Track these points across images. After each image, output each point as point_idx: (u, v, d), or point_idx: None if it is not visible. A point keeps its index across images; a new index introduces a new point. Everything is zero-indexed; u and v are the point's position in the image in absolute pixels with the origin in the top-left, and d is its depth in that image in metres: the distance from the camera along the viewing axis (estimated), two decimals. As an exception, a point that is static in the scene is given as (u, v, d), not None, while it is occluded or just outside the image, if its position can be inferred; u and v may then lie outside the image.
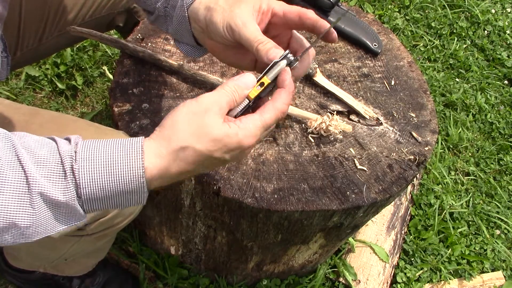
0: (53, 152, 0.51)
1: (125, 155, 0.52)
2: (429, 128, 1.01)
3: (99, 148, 0.52)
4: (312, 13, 0.64)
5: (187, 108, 0.56)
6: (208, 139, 0.54)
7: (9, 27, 0.96)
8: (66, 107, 1.65)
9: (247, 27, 0.62)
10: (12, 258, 1.14)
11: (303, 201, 0.83)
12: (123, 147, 0.53)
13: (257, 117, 0.57)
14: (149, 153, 0.53)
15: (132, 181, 0.52)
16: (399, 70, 1.11)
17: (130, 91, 0.93)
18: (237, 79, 0.59)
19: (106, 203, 0.53)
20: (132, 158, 0.52)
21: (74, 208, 0.52)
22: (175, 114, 0.56)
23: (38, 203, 0.50)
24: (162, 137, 0.55)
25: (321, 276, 1.34)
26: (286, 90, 0.60)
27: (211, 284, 1.30)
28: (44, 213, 0.51)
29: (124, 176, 0.52)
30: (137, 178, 0.52)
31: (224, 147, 0.55)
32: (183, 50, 0.77)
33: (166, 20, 0.75)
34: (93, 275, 1.19)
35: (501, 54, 2.22)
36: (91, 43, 1.77)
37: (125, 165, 0.52)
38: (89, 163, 0.51)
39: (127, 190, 0.53)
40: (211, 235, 1.04)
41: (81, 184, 0.51)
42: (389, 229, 1.45)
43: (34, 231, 0.51)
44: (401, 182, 0.89)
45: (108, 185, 0.52)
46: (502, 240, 1.61)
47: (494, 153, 1.87)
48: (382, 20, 2.20)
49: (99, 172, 0.51)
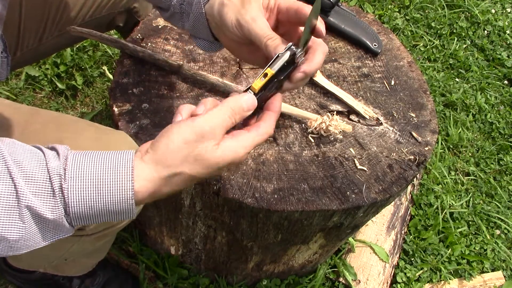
0: (41, 167, 0.50)
1: (115, 177, 0.52)
2: (429, 128, 1.01)
3: (89, 167, 0.52)
4: (307, 8, 0.64)
5: (182, 132, 0.54)
6: (202, 166, 0.54)
7: (9, 27, 0.96)
8: (66, 107, 1.65)
9: (256, 23, 0.63)
10: (12, 258, 1.14)
11: (303, 201, 0.83)
12: (113, 167, 0.52)
13: (250, 136, 0.58)
14: (140, 177, 0.53)
15: (121, 202, 0.52)
16: (399, 70, 1.11)
17: (130, 91, 0.93)
18: (238, 99, 0.58)
19: (94, 220, 0.53)
20: (122, 181, 0.52)
21: (61, 224, 0.52)
22: (169, 137, 0.54)
23: (28, 217, 0.49)
24: (155, 161, 0.54)
25: (321, 276, 1.34)
26: (275, 115, 0.61)
27: (211, 284, 1.30)
28: (33, 227, 0.51)
29: (114, 198, 0.52)
30: (127, 201, 0.52)
31: (218, 169, 0.56)
32: (200, 45, 0.78)
33: (182, 16, 0.76)
34: (93, 275, 1.19)
35: (501, 54, 2.22)
36: (91, 43, 1.77)
37: (115, 188, 0.51)
38: (79, 183, 0.51)
39: (115, 210, 0.53)
40: (211, 235, 1.04)
41: (70, 203, 0.51)
42: (389, 229, 1.45)
43: (23, 244, 0.51)
44: (401, 182, 0.89)
45: (97, 205, 0.52)
46: (502, 240, 1.61)
47: (494, 153, 1.87)
48: (382, 20, 2.20)
49: (89, 193, 0.51)
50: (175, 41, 1.04)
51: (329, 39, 1.14)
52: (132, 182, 0.52)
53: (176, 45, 1.03)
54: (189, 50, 1.03)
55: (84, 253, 1.02)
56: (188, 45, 1.04)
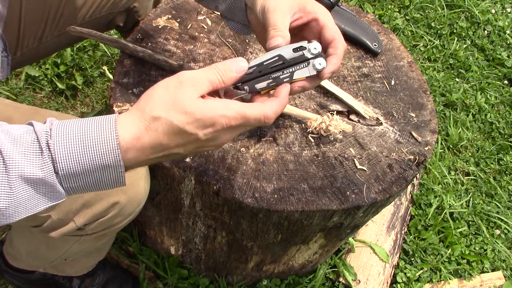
0: (29, 131, 0.52)
1: (98, 126, 0.52)
2: (429, 128, 1.00)
3: (73, 124, 0.53)
4: (342, 46, 0.66)
5: (164, 82, 0.56)
6: (180, 111, 0.54)
7: (9, 26, 0.96)
8: (66, 107, 1.65)
9: (275, 13, 0.65)
10: (12, 258, 1.14)
11: (303, 201, 0.83)
12: (97, 120, 0.53)
13: (241, 105, 0.57)
14: (122, 122, 0.53)
15: (106, 150, 0.52)
16: (399, 70, 1.11)
17: (130, 91, 0.93)
18: (228, 61, 0.59)
19: (84, 180, 0.53)
20: (105, 127, 0.52)
21: (52, 185, 0.52)
22: (152, 88, 0.56)
23: (16, 183, 0.50)
24: (136, 108, 0.55)
25: (321, 276, 1.34)
26: (279, 100, 0.61)
27: (211, 284, 1.30)
28: (22, 192, 0.51)
29: (98, 145, 0.52)
30: (111, 146, 0.52)
31: (196, 121, 0.54)
32: (233, 27, 0.80)
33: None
34: (93, 275, 1.19)
35: (501, 54, 2.22)
36: (91, 43, 1.77)
37: (98, 134, 0.52)
38: (64, 137, 0.51)
39: (103, 164, 0.52)
40: (211, 235, 1.04)
41: (57, 159, 0.51)
42: (389, 229, 1.45)
43: (14, 211, 0.51)
44: (401, 182, 0.89)
45: (83, 157, 0.51)
46: (502, 240, 1.61)
47: (494, 153, 1.87)
48: (382, 20, 2.20)
49: (74, 145, 0.51)
50: (175, 41, 1.04)
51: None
52: (115, 127, 0.52)
53: (176, 45, 1.03)
54: (189, 50, 1.03)
55: (84, 253, 1.02)
56: (188, 45, 1.04)
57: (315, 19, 0.67)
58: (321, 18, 0.67)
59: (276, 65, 0.62)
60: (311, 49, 0.62)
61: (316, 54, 0.63)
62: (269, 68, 0.62)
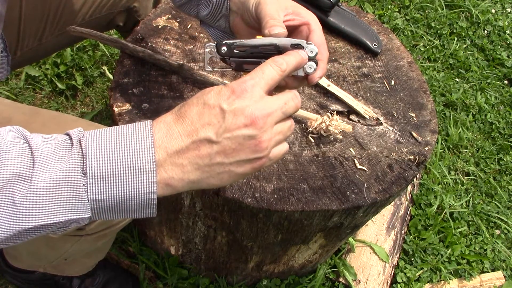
0: (60, 134, 0.51)
1: (133, 130, 0.50)
2: (429, 128, 1.01)
3: (106, 130, 0.51)
4: (326, 53, 0.66)
5: None
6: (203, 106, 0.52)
7: (9, 26, 0.96)
8: (66, 107, 1.65)
9: (272, 6, 0.66)
10: (12, 258, 1.14)
11: (303, 201, 0.83)
12: (131, 126, 0.51)
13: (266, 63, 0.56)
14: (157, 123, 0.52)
15: (140, 151, 0.49)
16: (399, 70, 1.11)
17: (130, 91, 0.93)
18: None
19: (113, 185, 0.49)
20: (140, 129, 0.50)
21: (76, 188, 0.47)
22: None
23: (40, 179, 0.46)
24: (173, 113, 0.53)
25: (321, 276, 1.34)
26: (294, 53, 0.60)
27: (211, 284, 1.30)
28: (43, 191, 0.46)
29: (132, 145, 0.49)
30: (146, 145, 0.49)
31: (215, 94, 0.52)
32: (213, 34, 0.80)
33: (199, 3, 0.78)
34: (93, 275, 1.19)
35: (501, 54, 2.22)
36: (91, 43, 1.77)
37: (133, 136, 0.49)
38: (96, 137, 0.49)
39: (135, 165, 0.49)
40: (211, 235, 1.04)
41: (88, 154, 0.48)
42: (389, 229, 1.45)
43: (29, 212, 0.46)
44: (401, 182, 0.89)
45: (114, 158, 0.48)
46: (502, 240, 1.61)
47: (494, 153, 1.87)
48: (382, 20, 2.20)
49: (106, 144, 0.49)
50: (175, 41, 1.04)
51: (329, 39, 1.14)
52: (150, 127, 0.50)
53: (176, 45, 1.03)
54: (189, 50, 1.03)
55: (84, 253, 1.02)
56: (188, 45, 1.04)
57: (307, 23, 0.68)
58: (312, 24, 0.68)
59: (269, 53, 0.62)
60: (308, 51, 0.62)
61: (311, 57, 0.62)
62: (261, 53, 0.62)
